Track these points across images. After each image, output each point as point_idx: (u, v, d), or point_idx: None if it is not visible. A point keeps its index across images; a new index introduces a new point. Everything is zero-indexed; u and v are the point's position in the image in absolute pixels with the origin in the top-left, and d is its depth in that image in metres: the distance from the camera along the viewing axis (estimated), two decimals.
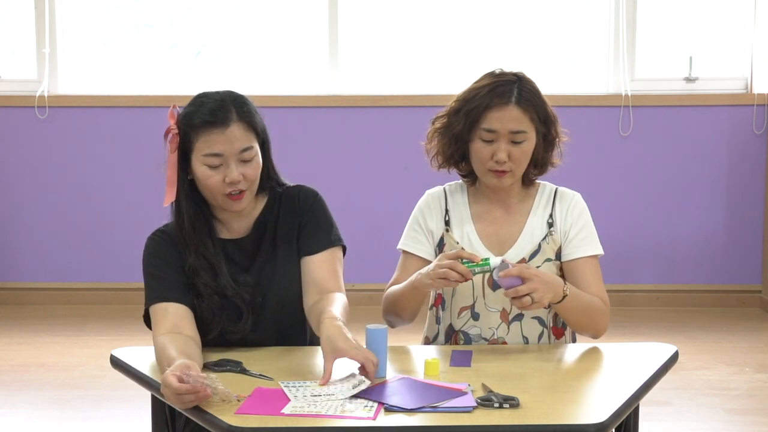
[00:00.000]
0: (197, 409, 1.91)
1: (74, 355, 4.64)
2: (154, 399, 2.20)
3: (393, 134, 5.57)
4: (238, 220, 2.42)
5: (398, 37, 5.77)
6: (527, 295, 2.26)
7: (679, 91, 5.63)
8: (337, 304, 2.25)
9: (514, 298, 2.27)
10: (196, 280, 2.33)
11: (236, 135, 2.29)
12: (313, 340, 2.47)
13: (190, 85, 5.74)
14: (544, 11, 5.75)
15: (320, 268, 2.37)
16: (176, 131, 2.34)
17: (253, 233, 2.42)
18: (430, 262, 2.51)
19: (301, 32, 5.73)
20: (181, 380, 1.91)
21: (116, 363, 2.25)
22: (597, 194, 5.24)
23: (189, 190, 2.36)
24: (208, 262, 2.34)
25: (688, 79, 5.66)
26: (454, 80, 5.50)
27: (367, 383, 2.00)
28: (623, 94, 5.54)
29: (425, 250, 2.57)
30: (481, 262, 2.30)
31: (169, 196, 2.34)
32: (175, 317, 2.27)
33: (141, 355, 2.28)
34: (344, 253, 2.45)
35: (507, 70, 2.53)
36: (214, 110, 2.31)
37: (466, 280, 2.30)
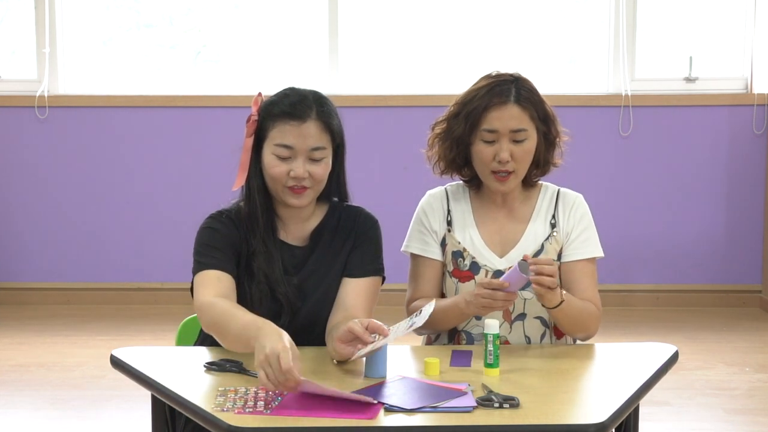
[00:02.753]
0: (197, 409, 1.92)
1: (74, 355, 4.64)
2: (154, 399, 2.20)
3: (393, 134, 5.57)
4: (297, 223, 2.43)
5: (398, 37, 5.77)
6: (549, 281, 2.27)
7: (679, 91, 5.63)
8: None
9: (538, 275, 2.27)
10: (252, 262, 2.35)
11: (310, 132, 2.31)
12: None
13: (190, 85, 5.75)
14: (544, 11, 5.75)
15: (356, 294, 2.40)
16: (256, 117, 2.35)
17: (308, 244, 2.43)
18: (441, 262, 2.54)
19: (301, 32, 5.73)
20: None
21: (116, 363, 2.25)
22: (597, 194, 5.23)
23: (261, 178, 2.37)
24: (268, 251, 2.36)
25: (688, 79, 5.66)
26: (454, 80, 5.50)
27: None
28: (623, 94, 5.54)
29: (434, 251, 2.56)
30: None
31: (239, 180, 2.37)
32: (227, 287, 2.30)
33: (141, 355, 2.28)
34: (383, 282, 2.49)
35: (503, 71, 2.54)
36: (295, 103, 2.33)
37: (511, 300, 2.30)
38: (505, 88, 2.45)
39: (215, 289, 2.28)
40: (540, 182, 2.62)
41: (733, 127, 5.58)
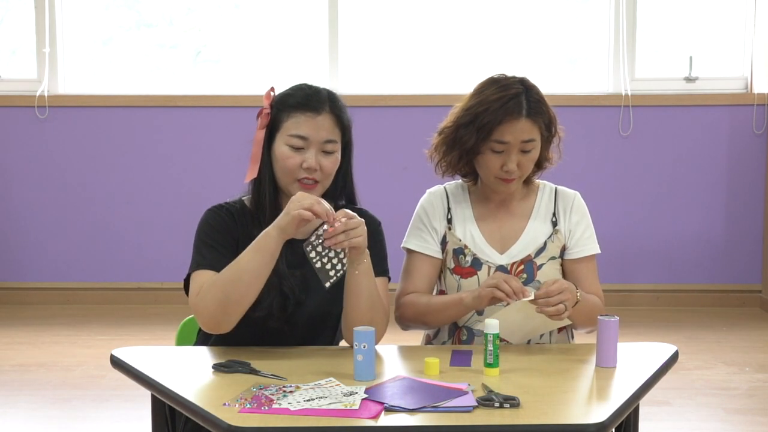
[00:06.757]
0: (197, 409, 1.92)
1: (74, 355, 4.64)
2: (154, 399, 2.20)
3: (393, 134, 5.57)
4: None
5: (398, 37, 5.77)
6: (561, 303, 2.31)
7: (679, 91, 5.63)
8: None
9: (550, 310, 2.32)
10: None
11: (324, 124, 2.36)
12: None
13: (190, 85, 5.74)
14: (545, 11, 5.75)
15: None
16: (268, 111, 2.38)
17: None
18: (438, 260, 2.56)
19: (301, 32, 5.73)
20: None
21: (116, 363, 2.25)
22: (597, 194, 5.24)
23: (271, 171, 2.39)
24: None
25: (688, 79, 5.66)
26: (454, 80, 5.50)
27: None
28: (623, 94, 5.54)
29: (433, 248, 2.58)
30: None
31: (251, 173, 2.39)
32: None
33: (141, 355, 2.28)
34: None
35: (509, 74, 2.54)
36: (310, 95, 2.38)
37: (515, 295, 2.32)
38: (518, 102, 2.46)
39: None
40: (537, 180, 2.65)
41: (733, 127, 5.58)
